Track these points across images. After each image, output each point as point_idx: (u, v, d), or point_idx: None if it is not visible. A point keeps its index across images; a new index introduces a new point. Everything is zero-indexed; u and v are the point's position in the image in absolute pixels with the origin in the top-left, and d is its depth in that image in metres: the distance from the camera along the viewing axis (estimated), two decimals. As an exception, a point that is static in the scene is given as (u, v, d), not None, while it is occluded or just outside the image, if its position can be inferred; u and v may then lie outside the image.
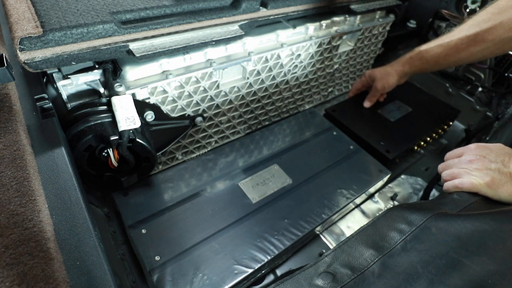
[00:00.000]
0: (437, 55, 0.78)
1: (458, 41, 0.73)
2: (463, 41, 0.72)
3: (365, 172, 0.78)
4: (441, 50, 0.77)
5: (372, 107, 0.97)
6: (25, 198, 0.36)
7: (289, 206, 0.68)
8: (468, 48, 0.73)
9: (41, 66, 0.47)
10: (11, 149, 0.40)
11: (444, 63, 0.79)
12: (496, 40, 0.68)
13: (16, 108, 0.46)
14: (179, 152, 0.77)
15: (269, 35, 0.75)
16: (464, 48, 0.73)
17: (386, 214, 0.46)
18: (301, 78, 0.90)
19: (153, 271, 0.55)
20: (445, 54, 0.77)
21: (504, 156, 0.52)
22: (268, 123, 0.94)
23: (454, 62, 0.80)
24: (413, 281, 0.37)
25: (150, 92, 0.61)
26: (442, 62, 0.79)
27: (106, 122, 0.54)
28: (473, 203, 0.49)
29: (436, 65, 0.82)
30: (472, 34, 0.71)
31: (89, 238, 0.38)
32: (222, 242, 0.60)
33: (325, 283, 0.38)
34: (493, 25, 0.67)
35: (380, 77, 0.90)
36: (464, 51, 0.74)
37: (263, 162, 0.76)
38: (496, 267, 0.38)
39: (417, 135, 0.91)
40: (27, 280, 0.31)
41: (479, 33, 0.69)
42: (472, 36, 0.71)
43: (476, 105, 1.05)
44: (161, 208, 0.64)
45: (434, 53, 0.79)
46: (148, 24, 0.58)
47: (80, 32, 0.52)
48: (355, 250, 0.42)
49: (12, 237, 0.33)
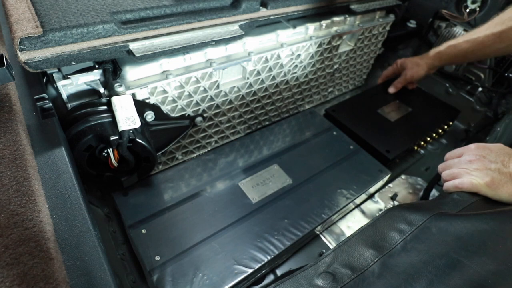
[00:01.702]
0: (465, 50, 0.83)
1: (485, 38, 0.78)
2: (489, 38, 0.77)
3: (365, 172, 0.78)
4: (469, 45, 0.82)
5: (372, 107, 0.97)
6: (25, 198, 0.36)
7: (289, 206, 0.68)
8: (494, 45, 0.77)
9: (41, 66, 0.47)
10: (11, 149, 0.40)
11: (471, 57, 0.85)
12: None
13: (16, 108, 0.46)
14: (179, 152, 0.77)
15: (269, 35, 0.75)
16: (490, 44, 0.78)
17: (386, 214, 0.46)
18: (301, 78, 0.90)
19: (153, 271, 0.55)
20: (472, 49, 0.82)
21: (504, 156, 0.52)
22: (268, 123, 0.94)
23: (481, 56, 0.86)
24: (413, 281, 0.37)
25: (150, 92, 0.61)
26: (469, 56, 0.85)
27: (106, 122, 0.54)
28: (473, 203, 0.49)
29: (464, 59, 0.88)
30: (497, 32, 0.75)
31: (89, 238, 0.38)
32: (222, 242, 0.60)
33: (325, 283, 0.38)
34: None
35: (411, 67, 0.94)
36: (490, 47, 0.78)
37: (263, 162, 0.76)
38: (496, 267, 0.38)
39: (417, 135, 0.91)
40: (27, 280, 0.31)
41: (505, 31, 0.74)
42: (497, 33, 0.75)
43: (476, 105, 1.05)
44: (161, 208, 0.64)
45: (462, 48, 0.84)
46: (148, 24, 0.58)
47: (80, 32, 0.52)
48: (355, 250, 0.42)
49: (12, 237, 0.33)
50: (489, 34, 0.77)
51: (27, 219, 0.35)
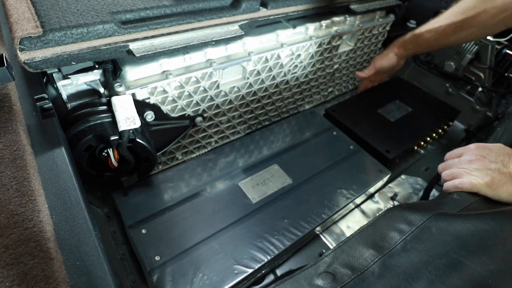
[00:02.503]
0: (428, 39, 0.85)
1: (447, 27, 0.79)
2: (451, 27, 0.79)
3: (365, 172, 0.78)
4: (431, 35, 0.84)
5: (372, 107, 0.97)
6: (25, 198, 0.36)
7: (289, 206, 0.68)
8: (456, 33, 0.79)
9: (41, 66, 0.47)
10: (11, 149, 0.40)
11: (435, 45, 0.87)
12: (481, 25, 0.74)
13: (16, 108, 0.46)
14: (179, 152, 0.77)
15: (269, 35, 0.75)
16: (452, 33, 0.79)
17: (386, 214, 0.46)
18: (301, 78, 0.90)
19: (153, 271, 0.55)
20: (435, 38, 0.83)
21: (504, 156, 0.52)
22: (268, 123, 0.94)
23: (444, 45, 0.87)
24: (413, 281, 0.37)
25: (150, 92, 0.61)
26: (433, 45, 0.87)
27: (106, 122, 0.54)
28: (473, 203, 0.49)
29: (428, 48, 0.91)
30: (459, 21, 0.77)
31: (89, 238, 0.38)
32: (222, 242, 0.60)
33: (325, 283, 0.38)
34: (477, 12, 0.73)
35: (379, 57, 0.97)
36: (453, 36, 0.80)
37: (263, 162, 0.76)
38: (496, 267, 0.38)
39: (417, 135, 0.91)
40: (27, 280, 0.31)
41: (466, 20, 0.75)
42: (459, 22, 0.77)
43: (476, 105, 1.05)
44: (161, 208, 0.64)
45: (425, 38, 0.85)
46: (148, 24, 0.58)
47: (80, 32, 0.52)
48: (355, 250, 0.42)
49: (12, 237, 0.33)
50: (451, 23, 0.78)
51: (27, 219, 0.35)
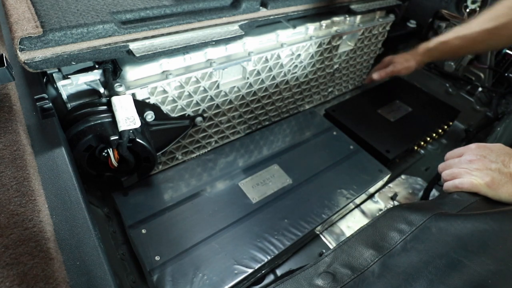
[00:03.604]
0: (456, 47, 0.82)
1: (477, 35, 0.76)
2: (481, 34, 0.75)
3: (365, 172, 0.78)
4: (459, 42, 0.80)
5: (372, 107, 0.97)
6: (25, 198, 0.36)
7: (289, 206, 0.68)
8: (486, 41, 0.76)
9: (41, 66, 0.47)
10: (11, 149, 0.40)
11: (461, 53, 0.85)
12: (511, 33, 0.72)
13: (16, 108, 0.46)
14: (179, 152, 0.77)
15: (269, 35, 0.75)
16: (482, 40, 0.76)
17: (386, 214, 0.46)
18: (301, 78, 0.89)
19: (153, 271, 0.55)
20: (464, 45, 0.80)
21: (505, 156, 0.52)
22: (268, 123, 0.94)
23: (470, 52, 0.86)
24: (413, 281, 0.37)
25: (150, 92, 0.61)
26: (460, 52, 0.85)
27: (106, 122, 0.54)
28: (473, 203, 0.49)
29: (454, 55, 0.90)
30: (490, 28, 0.73)
31: (89, 238, 0.38)
32: (222, 242, 0.60)
33: (325, 283, 0.38)
34: (510, 19, 0.70)
35: (401, 62, 0.93)
36: (482, 43, 0.77)
37: (263, 162, 0.76)
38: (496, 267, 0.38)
39: (417, 135, 0.91)
40: (27, 280, 0.31)
41: (497, 27, 0.72)
42: (490, 30, 0.73)
43: (476, 105, 1.05)
44: (161, 208, 0.64)
45: (453, 45, 0.82)
46: (148, 24, 0.58)
47: (80, 32, 0.52)
48: (355, 250, 0.42)
49: (12, 237, 0.33)
50: (481, 31, 0.75)
51: (27, 219, 0.35)
